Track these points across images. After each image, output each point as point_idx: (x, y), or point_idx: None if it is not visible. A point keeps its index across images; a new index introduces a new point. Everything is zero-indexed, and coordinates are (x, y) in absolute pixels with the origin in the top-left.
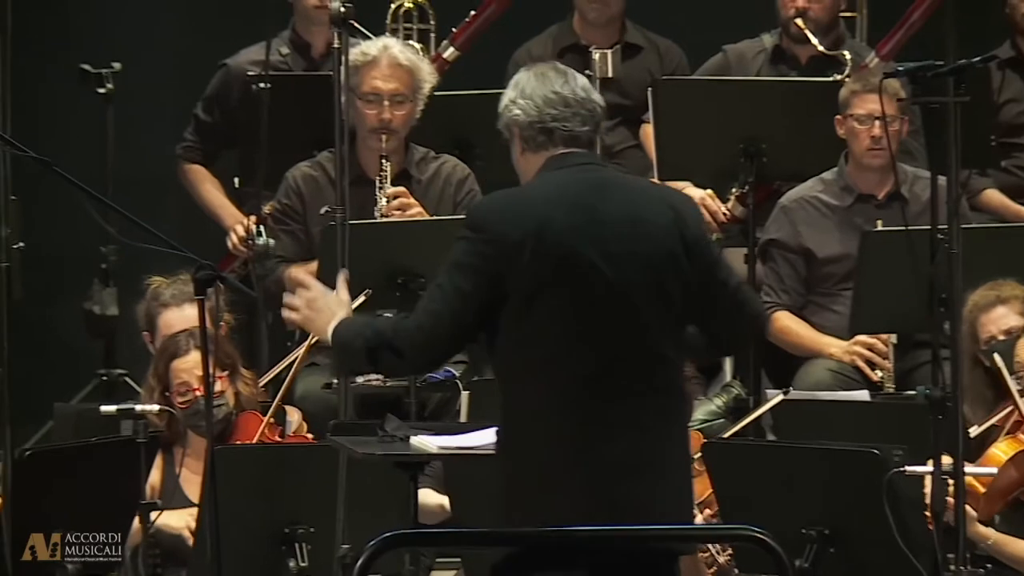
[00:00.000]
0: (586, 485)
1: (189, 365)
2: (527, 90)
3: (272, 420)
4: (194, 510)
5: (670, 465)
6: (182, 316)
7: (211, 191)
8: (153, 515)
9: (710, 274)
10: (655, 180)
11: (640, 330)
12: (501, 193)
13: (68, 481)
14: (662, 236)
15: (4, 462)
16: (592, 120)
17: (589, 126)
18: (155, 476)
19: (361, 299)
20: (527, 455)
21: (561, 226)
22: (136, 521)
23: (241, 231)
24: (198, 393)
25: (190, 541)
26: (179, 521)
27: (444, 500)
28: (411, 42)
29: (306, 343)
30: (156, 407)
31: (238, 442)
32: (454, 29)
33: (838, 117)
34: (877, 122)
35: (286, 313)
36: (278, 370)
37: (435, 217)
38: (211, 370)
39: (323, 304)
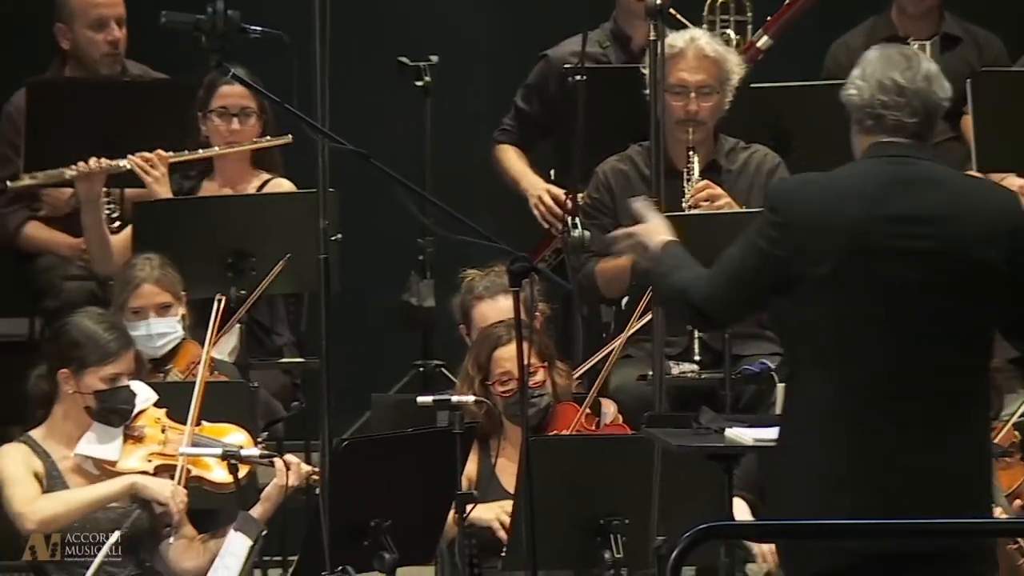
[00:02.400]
0: (872, 484)
1: (511, 354)
2: (867, 71)
3: (588, 411)
4: (505, 503)
5: (962, 469)
6: (496, 308)
7: (515, 160)
8: (468, 507)
9: None
10: (974, 173)
11: (935, 327)
12: (806, 176)
13: (385, 471)
14: (974, 236)
15: (323, 452)
16: (924, 112)
17: (919, 118)
18: (471, 467)
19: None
20: (809, 448)
21: (854, 216)
22: (452, 512)
23: (548, 199)
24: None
25: (500, 533)
26: (489, 513)
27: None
28: (727, 31)
29: (622, 335)
30: (472, 398)
31: (553, 433)
32: (768, 17)
33: None
34: None
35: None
36: (594, 362)
37: (745, 209)
38: (528, 360)
39: (649, 227)
